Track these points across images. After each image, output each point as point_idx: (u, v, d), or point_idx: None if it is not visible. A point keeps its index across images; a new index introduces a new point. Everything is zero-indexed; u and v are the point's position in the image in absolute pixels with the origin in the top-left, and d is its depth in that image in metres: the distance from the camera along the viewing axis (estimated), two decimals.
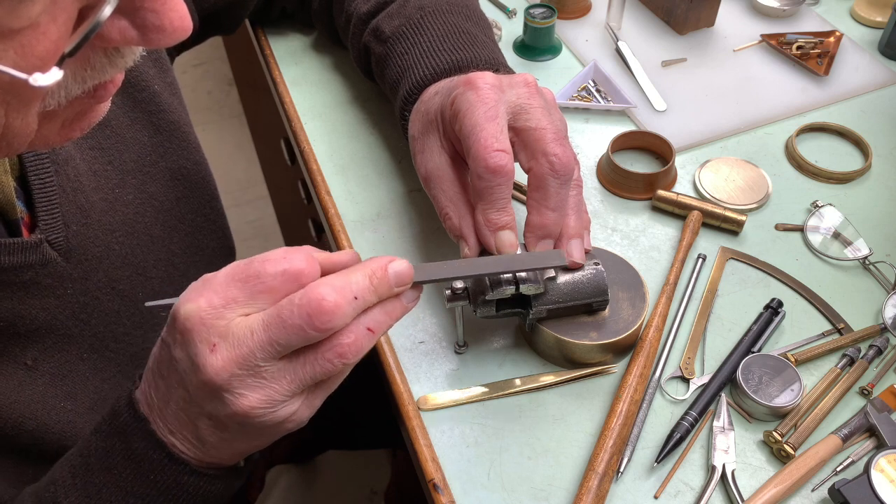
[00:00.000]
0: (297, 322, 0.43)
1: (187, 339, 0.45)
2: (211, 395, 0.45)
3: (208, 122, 2.52)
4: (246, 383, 0.44)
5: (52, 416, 0.58)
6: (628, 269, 0.64)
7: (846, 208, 0.74)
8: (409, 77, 0.68)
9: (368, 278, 0.46)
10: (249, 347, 0.43)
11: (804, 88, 0.87)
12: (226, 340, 0.44)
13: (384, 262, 0.47)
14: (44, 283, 0.56)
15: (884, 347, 0.63)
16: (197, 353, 0.44)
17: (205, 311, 0.44)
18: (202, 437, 0.48)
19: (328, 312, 0.43)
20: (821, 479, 0.56)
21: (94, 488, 0.49)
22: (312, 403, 0.48)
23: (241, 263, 0.46)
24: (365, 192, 0.76)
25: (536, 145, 0.57)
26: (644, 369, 0.60)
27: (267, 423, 0.46)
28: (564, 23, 0.96)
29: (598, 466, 0.55)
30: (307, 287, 0.44)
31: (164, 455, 0.48)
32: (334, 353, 0.45)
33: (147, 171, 0.68)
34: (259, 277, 0.45)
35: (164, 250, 0.70)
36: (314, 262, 0.46)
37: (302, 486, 1.24)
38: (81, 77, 0.40)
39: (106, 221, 0.63)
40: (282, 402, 0.45)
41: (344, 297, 0.44)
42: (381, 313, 0.47)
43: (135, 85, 0.67)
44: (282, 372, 0.45)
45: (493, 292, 0.55)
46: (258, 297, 0.45)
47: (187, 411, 0.47)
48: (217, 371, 0.43)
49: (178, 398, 0.47)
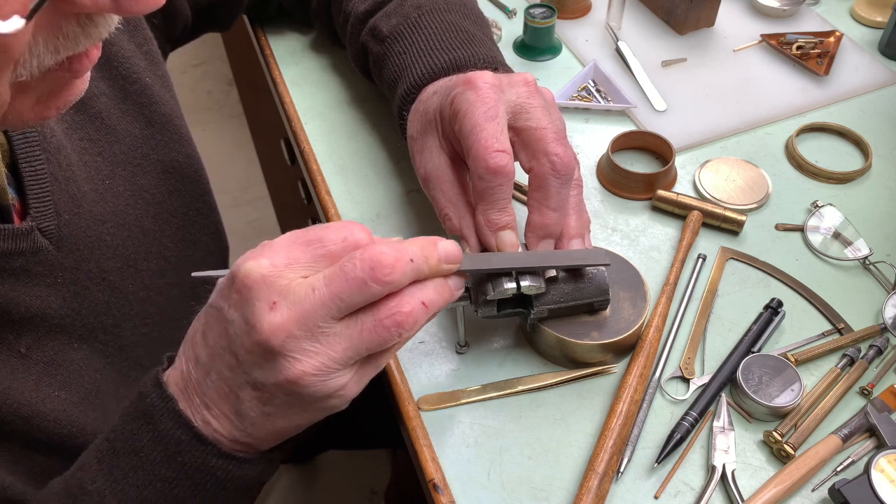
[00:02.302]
0: (360, 275, 0.43)
1: (245, 297, 0.44)
2: (262, 358, 0.44)
3: (208, 122, 2.52)
4: (301, 347, 0.44)
5: (46, 404, 0.57)
6: (629, 269, 0.64)
7: (846, 208, 0.74)
8: (407, 76, 0.68)
9: (420, 247, 0.47)
10: (311, 304, 0.43)
11: (804, 88, 0.87)
12: (286, 299, 0.44)
13: (432, 238, 0.48)
14: (34, 270, 0.56)
15: (884, 347, 0.63)
16: (254, 311, 0.44)
17: (266, 269, 0.44)
18: (242, 410, 0.47)
19: (388, 265, 0.44)
20: (821, 479, 0.56)
21: (120, 472, 0.48)
22: (361, 380, 0.48)
23: (300, 230, 0.47)
24: (365, 192, 0.76)
25: (537, 145, 0.57)
26: (644, 369, 0.60)
27: (316, 393, 0.45)
28: (564, 23, 0.96)
29: (599, 466, 0.55)
30: (366, 247, 0.45)
31: (192, 436, 0.47)
32: (393, 320, 0.45)
33: (138, 164, 0.68)
34: (321, 241, 0.46)
35: (156, 243, 0.70)
36: (372, 236, 0.47)
37: (302, 485, 1.24)
38: (54, 46, 0.39)
39: (97, 212, 0.62)
40: (335, 371, 0.45)
41: (401, 256, 0.45)
42: (434, 291, 0.47)
43: (126, 77, 0.67)
44: (338, 337, 0.44)
45: (494, 292, 0.55)
46: (320, 261, 0.45)
47: (231, 381, 0.46)
48: (274, 330, 0.43)
49: (222, 366, 0.46)
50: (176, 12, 0.76)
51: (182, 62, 2.70)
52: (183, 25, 0.79)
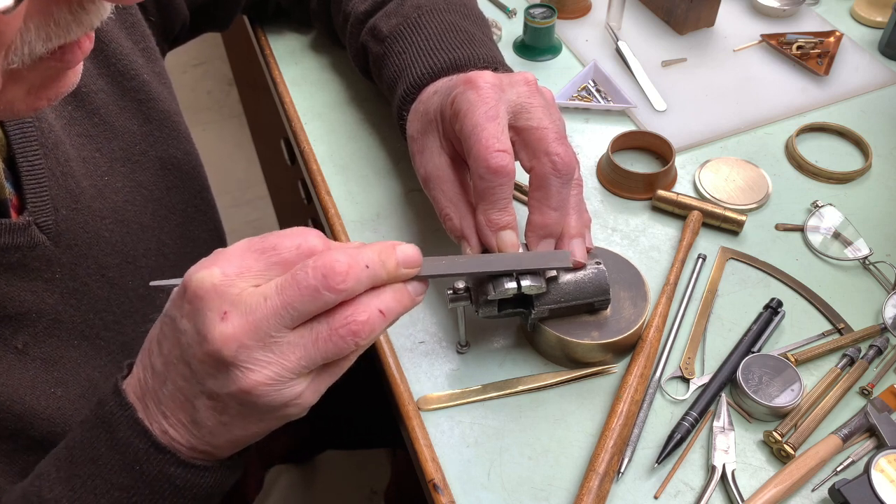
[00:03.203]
0: (312, 283, 0.43)
1: (197, 307, 0.44)
2: (215, 368, 0.44)
3: (208, 122, 2.52)
4: (254, 357, 0.43)
5: (41, 401, 0.57)
6: (629, 269, 0.64)
7: (846, 208, 0.74)
8: (407, 76, 0.68)
9: (377, 253, 0.46)
10: (263, 313, 0.43)
11: (804, 88, 0.87)
12: (237, 308, 0.43)
13: (391, 243, 0.48)
14: (31, 266, 0.56)
15: (884, 347, 0.63)
16: (205, 321, 0.43)
17: (218, 279, 0.44)
18: (199, 419, 0.46)
19: (342, 273, 0.43)
20: (821, 479, 0.56)
21: (78, 481, 0.48)
22: (318, 388, 0.47)
23: (255, 237, 0.46)
24: (365, 192, 0.76)
25: (538, 145, 0.57)
26: (644, 370, 0.60)
27: (270, 403, 0.45)
28: (564, 23, 0.96)
29: (599, 467, 0.55)
30: (320, 253, 0.44)
31: (150, 444, 0.47)
32: (348, 329, 0.44)
33: (137, 160, 0.68)
34: (275, 249, 0.45)
35: (155, 239, 0.70)
36: (327, 242, 0.46)
37: (301, 485, 1.24)
38: (45, 33, 0.39)
39: (96, 208, 0.62)
40: (289, 379, 0.44)
41: (356, 262, 0.44)
42: (392, 298, 0.47)
43: (124, 73, 0.67)
44: (292, 346, 0.44)
45: (495, 292, 0.55)
46: (273, 269, 0.45)
47: (186, 391, 0.46)
48: (226, 340, 0.43)
49: (177, 376, 0.46)
50: (174, 11, 0.76)
51: (182, 62, 2.70)
52: (181, 24, 0.79)
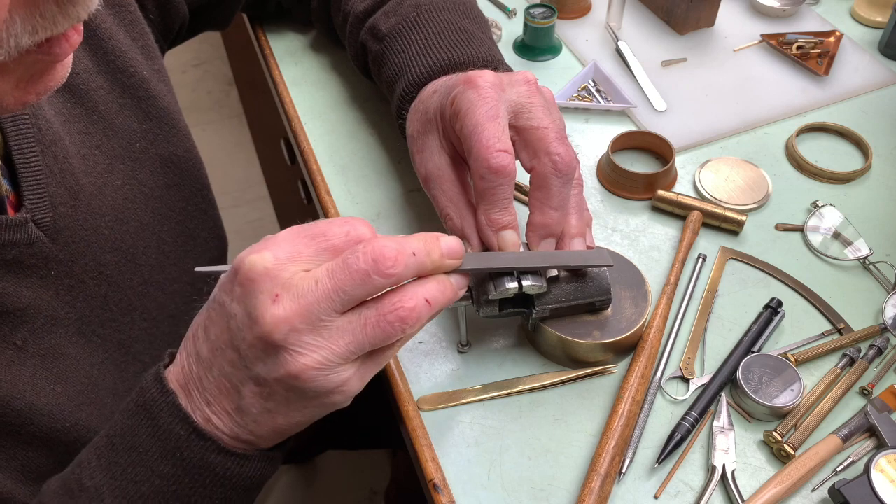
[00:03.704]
0: (363, 267, 0.44)
1: (248, 290, 0.44)
2: (265, 352, 0.44)
3: (208, 122, 2.52)
4: (303, 340, 0.44)
5: (40, 398, 0.57)
6: (630, 268, 0.64)
7: (846, 208, 0.74)
8: (406, 75, 0.68)
9: (423, 242, 0.47)
10: (315, 297, 0.43)
11: (804, 88, 0.87)
12: (289, 292, 0.44)
13: (435, 234, 0.49)
14: (28, 262, 0.56)
15: (884, 347, 0.63)
16: (257, 304, 0.44)
17: (270, 262, 0.44)
18: (243, 406, 0.47)
19: (391, 258, 0.44)
20: (821, 479, 0.56)
21: (118, 468, 0.48)
22: (364, 376, 0.48)
23: (304, 224, 0.47)
24: (365, 191, 0.76)
25: (539, 144, 0.57)
26: (645, 370, 0.60)
27: (318, 388, 0.45)
28: (564, 23, 0.96)
29: (601, 468, 0.55)
30: (368, 240, 0.45)
31: (191, 430, 0.47)
32: (396, 315, 0.45)
33: (137, 158, 0.68)
34: (325, 235, 0.46)
35: (154, 237, 0.70)
36: (374, 231, 0.47)
37: (302, 485, 1.24)
38: (31, 26, 0.39)
39: (95, 205, 0.62)
40: (337, 365, 0.45)
41: (404, 249, 0.45)
42: (436, 288, 0.48)
43: (123, 71, 0.67)
44: (341, 331, 0.44)
45: (496, 292, 0.55)
46: (323, 254, 0.45)
47: (232, 376, 0.46)
48: (277, 323, 0.43)
49: (224, 361, 0.46)
50: (174, 9, 0.76)
51: (182, 62, 2.70)
52: (180, 23, 0.79)
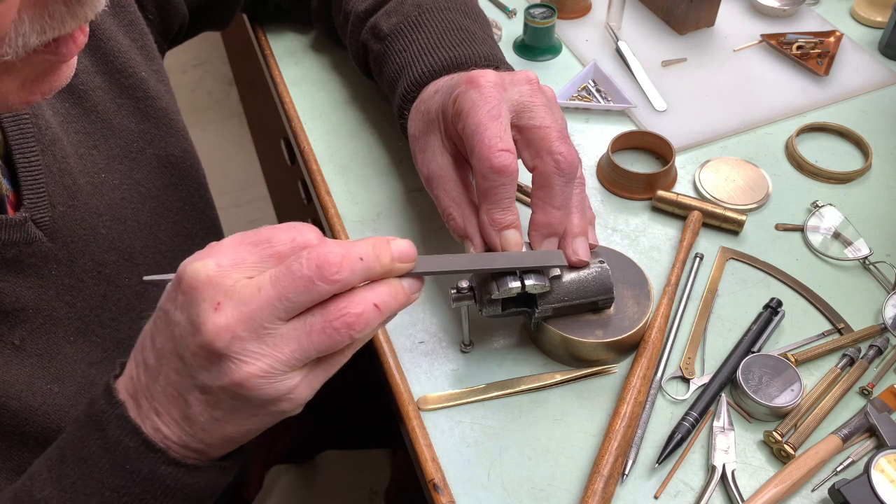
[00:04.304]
0: (307, 273, 0.43)
1: (190, 298, 0.43)
2: (208, 360, 0.43)
3: (208, 122, 2.52)
4: (247, 348, 0.43)
5: (37, 398, 0.57)
6: (632, 267, 0.64)
7: (846, 208, 0.74)
8: (408, 74, 0.68)
9: (372, 246, 0.46)
10: (257, 304, 0.43)
11: (804, 88, 0.87)
12: (231, 299, 0.43)
13: (385, 238, 0.47)
14: (27, 262, 0.56)
15: (884, 347, 0.63)
16: (199, 312, 0.43)
17: (212, 270, 0.43)
18: (191, 415, 0.46)
19: (336, 264, 0.43)
20: (821, 479, 0.56)
21: (68, 480, 0.47)
22: (312, 383, 0.46)
23: (249, 231, 0.46)
24: (365, 192, 0.76)
25: (541, 144, 0.57)
26: (647, 370, 0.60)
27: (263, 396, 0.44)
28: (564, 23, 0.96)
29: (604, 469, 0.55)
30: (314, 246, 0.44)
31: (140, 442, 0.46)
32: (342, 321, 0.44)
33: (134, 158, 0.68)
34: (269, 241, 0.45)
35: (152, 237, 0.70)
36: (322, 237, 0.46)
37: (301, 485, 1.23)
38: (39, 26, 0.39)
39: (93, 205, 0.62)
40: (282, 373, 0.44)
41: (350, 254, 0.44)
42: (387, 292, 0.46)
43: (122, 71, 0.67)
44: (286, 338, 0.43)
45: (499, 291, 0.55)
46: (267, 261, 0.44)
47: (178, 385, 0.45)
48: (219, 331, 0.42)
49: (170, 370, 0.45)
50: (173, 10, 0.76)
51: (182, 62, 2.70)
52: (180, 24, 0.79)
